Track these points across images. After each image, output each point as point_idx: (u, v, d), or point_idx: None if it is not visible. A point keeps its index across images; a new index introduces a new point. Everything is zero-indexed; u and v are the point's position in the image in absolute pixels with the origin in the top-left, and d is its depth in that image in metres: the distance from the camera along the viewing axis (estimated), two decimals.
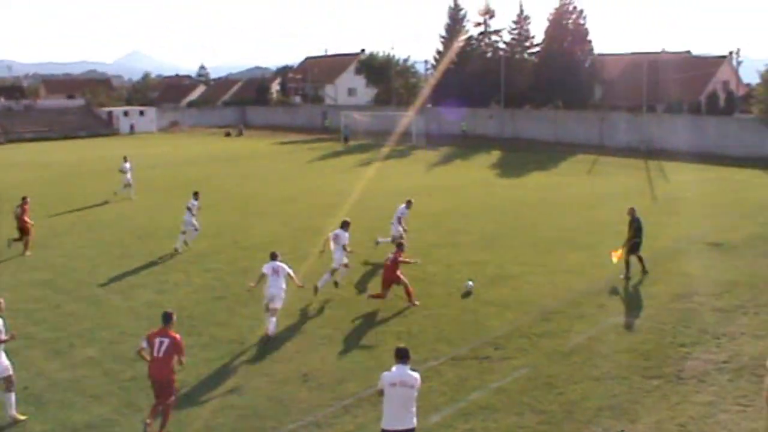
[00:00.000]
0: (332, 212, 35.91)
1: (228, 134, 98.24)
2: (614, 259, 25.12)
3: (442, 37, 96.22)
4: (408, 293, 22.33)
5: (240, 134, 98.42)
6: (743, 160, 58.17)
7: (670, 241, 27.64)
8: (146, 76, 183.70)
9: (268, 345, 18.96)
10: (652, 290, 23.53)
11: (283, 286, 19.97)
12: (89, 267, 27.57)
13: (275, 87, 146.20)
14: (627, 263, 25.12)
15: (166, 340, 14.24)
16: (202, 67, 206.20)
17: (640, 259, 25.45)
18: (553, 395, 15.75)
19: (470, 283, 24.02)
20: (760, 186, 46.50)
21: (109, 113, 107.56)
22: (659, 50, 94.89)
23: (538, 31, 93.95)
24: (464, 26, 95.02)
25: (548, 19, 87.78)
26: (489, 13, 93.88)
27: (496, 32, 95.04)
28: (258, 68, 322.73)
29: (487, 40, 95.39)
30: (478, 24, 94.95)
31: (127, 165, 44.28)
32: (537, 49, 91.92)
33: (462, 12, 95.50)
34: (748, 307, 21.58)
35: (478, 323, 20.64)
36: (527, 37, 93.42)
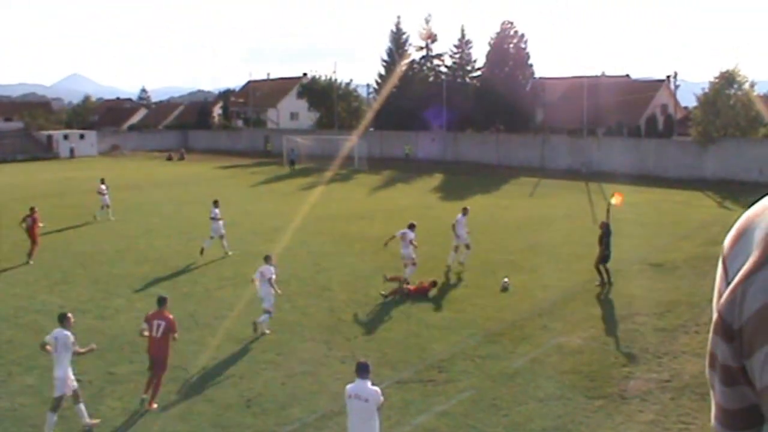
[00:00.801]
0: (275, 237, 35.87)
1: (170, 158, 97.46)
2: (614, 201, 28.03)
3: (384, 60, 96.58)
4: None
5: (182, 158, 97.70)
6: (682, 182, 59.15)
7: (612, 262, 27.88)
8: (86, 99, 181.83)
9: (210, 371, 18.74)
10: (595, 311, 23.73)
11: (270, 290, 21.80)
12: (28, 293, 27.12)
13: (217, 111, 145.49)
14: (599, 271, 26.56)
15: (163, 322, 16.49)
16: (143, 90, 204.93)
17: (607, 271, 26.59)
18: (498, 417, 15.77)
19: (506, 279, 26.37)
20: (699, 207, 47.20)
21: (49, 137, 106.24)
22: (599, 74, 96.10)
23: (479, 55, 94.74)
24: (406, 50, 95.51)
25: (489, 44, 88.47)
26: (431, 37, 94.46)
27: (438, 56, 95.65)
28: (200, 92, 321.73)
29: (429, 65, 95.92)
30: (421, 48, 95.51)
31: (104, 187, 44.40)
32: (479, 72, 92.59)
33: (404, 36, 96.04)
34: (689, 326, 21.82)
35: (422, 346, 20.62)
36: (469, 61, 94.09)
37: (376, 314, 23.76)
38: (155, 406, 16.58)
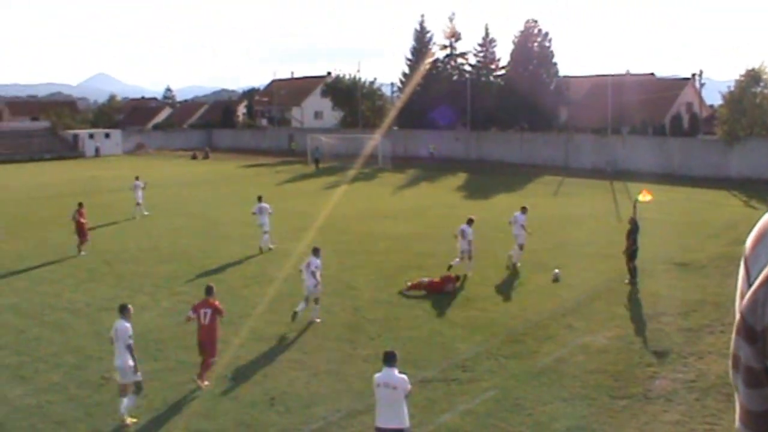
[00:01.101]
0: (300, 235, 35.89)
1: (194, 157, 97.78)
2: (641, 198, 28.27)
3: (408, 59, 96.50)
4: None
5: (206, 157, 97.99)
6: (708, 181, 58.80)
7: (637, 261, 27.72)
8: (112, 98, 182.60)
9: (235, 369, 18.77)
10: (620, 310, 23.63)
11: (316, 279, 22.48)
12: (54, 291, 27.32)
13: (241, 110, 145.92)
14: (629, 269, 26.61)
15: (209, 310, 17.67)
16: (168, 89, 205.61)
17: (634, 269, 26.75)
18: (522, 417, 15.74)
19: (557, 271, 27.03)
20: (724, 206, 46.92)
21: (75, 136, 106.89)
22: (623, 72, 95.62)
23: (503, 53, 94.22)
24: (430, 49, 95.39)
25: (513, 42, 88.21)
26: (455, 35, 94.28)
27: (462, 55, 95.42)
28: (224, 91, 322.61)
29: (453, 63, 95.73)
30: (445, 47, 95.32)
31: (139, 183, 44.88)
32: (503, 71, 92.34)
33: (428, 35, 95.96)
34: (714, 326, 21.70)
35: (446, 345, 20.61)
36: (493, 60, 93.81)
37: (401, 313, 23.76)
38: (207, 383, 17.68)
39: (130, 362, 15.79)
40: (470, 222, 28.93)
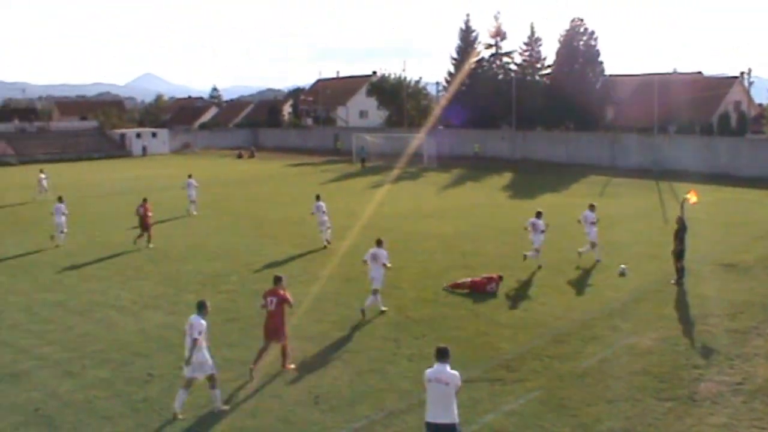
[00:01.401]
0: (344, 234, 36.03)
1: (240, 156, 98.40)
2: (690, 197, 28.05)
3: (454, 58, 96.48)
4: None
5: (252, 156, 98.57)
6: (756, 181, 58.12)
7: (684, 262, 27.48)
8: (159, 97, 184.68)
9: (278, 367, 18.84)
10: (666, 311, 23.43)
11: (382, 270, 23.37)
12: (102, 288, 27.62)
13: (287, 109, 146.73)
14: (677, 270, 26.61)
15: (275, 297, 18.58)
16: (215, 89, 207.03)
17: (681, 270, 26.72)
18: (566, 418, 15.67)
19: (624, 266, 27.82)
20: None
21: (122, 135, 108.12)
22: (670, 71, 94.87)
23: (549, 52, 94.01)
24: (476, 48, 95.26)
25: (559, 41, 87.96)
26: (500, 35, 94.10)
27: (508, 54, 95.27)
28: (270, 90, 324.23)
29: (498, 62, 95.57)
30: (490, 46, 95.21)
31: (193, 181, 45.99)
32: (548, 70, 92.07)
33: (473, 34, 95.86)
34: (762, 328, 21.46)
35: (491, 345, 20.57)
36: (538, 59, 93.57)
37: (445, 312, 23.73)
38: (292, 366, 18.92)
39: (208, 357, 16.31)
40: (539, 215, 30.17)
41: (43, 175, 56.02)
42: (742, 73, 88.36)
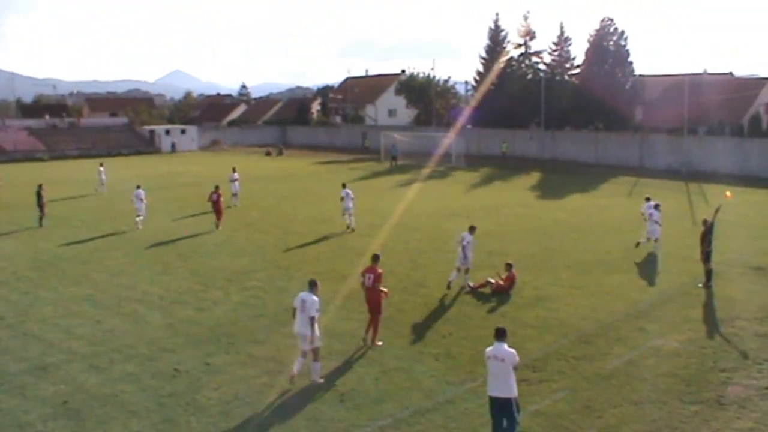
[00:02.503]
0: (372, 232, 36.10)
1: (268, 153, 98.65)
2: (728, 195, 29.34)
3: (483, 58, 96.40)
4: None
5: (280, 153, 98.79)
6: None
7: (712, 264, 27.34)
8: (188, 94, 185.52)
9: (305, 365, 18.90)
10: (693, 313, 23.31)
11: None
12: (130, 283, 27.81)
13: (316, 107, 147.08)
14: (706, 272, 26.63)
15: (372, 275, 20.09)
16: (243, 87, 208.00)
17: (710, 272, 26.67)
18: (591, 419, 15.63)
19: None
20: None
21: (151, 132, 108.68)
22: (701, 71, 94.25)
23: (578, 52, 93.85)
24: (505, 48, 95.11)
25: (589, 41, 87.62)
26: (529, 34, 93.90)
27: (537, 54, 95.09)
28: (299, 88, 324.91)
29: (527, 62, 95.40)
30: (519, 45, 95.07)
31: (236, 175, 48.37)
32: (577, 70, 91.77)
33: (503, 33, 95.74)
34: None
35: (517, 345, 20.43)
36: (568, 59, 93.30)
37: (471, 312, 23.72)
38: (380, 343, 20.37)
39: (314, 332, 17.40)
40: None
41: (102, 168, 58.09)
42: None
